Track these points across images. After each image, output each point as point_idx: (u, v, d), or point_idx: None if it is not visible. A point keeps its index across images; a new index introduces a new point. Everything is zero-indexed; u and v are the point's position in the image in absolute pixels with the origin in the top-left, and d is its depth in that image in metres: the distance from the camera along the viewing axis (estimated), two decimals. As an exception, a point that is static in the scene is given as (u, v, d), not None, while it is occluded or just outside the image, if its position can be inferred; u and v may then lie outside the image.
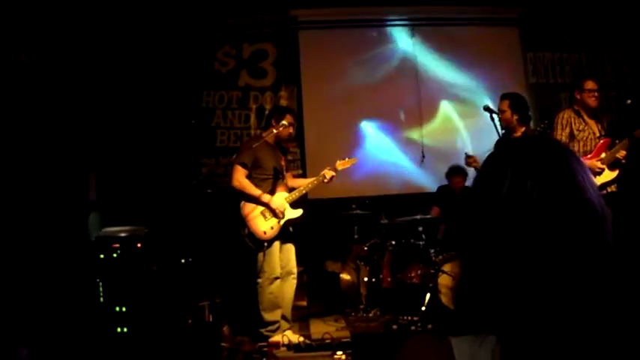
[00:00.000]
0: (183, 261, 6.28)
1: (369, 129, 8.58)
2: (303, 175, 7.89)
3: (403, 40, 8.73)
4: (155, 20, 8.04)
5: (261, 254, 5.91)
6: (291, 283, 6.20)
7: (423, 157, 8.44)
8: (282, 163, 6.25)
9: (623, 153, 5.69)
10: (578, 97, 5.97)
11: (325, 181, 6.24)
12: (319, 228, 7.64)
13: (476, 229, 1.15)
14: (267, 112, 7.82)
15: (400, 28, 8.80)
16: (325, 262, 7.75)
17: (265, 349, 5.70)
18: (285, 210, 6.01)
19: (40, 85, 6.45)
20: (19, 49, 6.23)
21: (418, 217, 6.91)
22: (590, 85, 5.95)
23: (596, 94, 5.95)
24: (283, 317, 6.10)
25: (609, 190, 5.73)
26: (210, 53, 8.42)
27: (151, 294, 5.73)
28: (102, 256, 5.72)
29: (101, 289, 5.66)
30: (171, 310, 5.86)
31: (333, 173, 6.25)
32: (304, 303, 7.13)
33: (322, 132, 8.49)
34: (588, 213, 1.09)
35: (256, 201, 5.94)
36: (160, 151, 7.70)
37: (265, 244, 5.89)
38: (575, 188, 1.10)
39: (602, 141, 5.84)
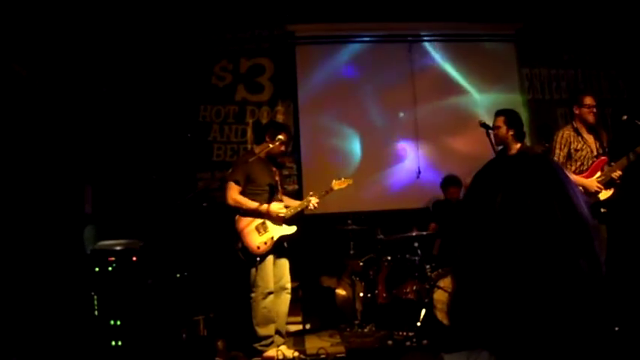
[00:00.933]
0: (178, 275, 6.26)
1: (366, 144, 8.58)
2: (300, 190, 7.90)
3: (400, 56, 8.75)
4: (153, 34, 8.06)
5: (254, 269, 5.90)
6: (285, 298, 6.19)
7: (419, 172, 8.44)
8: (277, 178, 6.25)
9: (618, 173, 5.70)
10: (577, 112, 6.00)
11: (310, 207, 6.24)
12: (315, 243, 7.63)
13: (468, 241, 1.15)
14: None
15: (397, 44, 8.83)
16: (321, 278, 7.74)
17: (259, 364, 5.69)
18: (285, 212, 6.02)
19: (38, 98, 6.46)
20: (17, 62, 6.25)
21: (414, 232, 6.91)
22: (588, 100, 5.98)
23: (594, 109, 5.98)
24: (277, 332, 6.08)
25: (602, 210, 5.74)
26: (208, 67, 8.44)
27: (146, 308, 5.72)
28: (97, 269, 5.71)
29: (96, 302, 5.65)
30: (166, 324, 5.84)
31: (317, 200, 6.24)
32: (299, 318, 7.11)
33: (319, 147, 8.49)
34: (580, 227, 1.10)
35: (255, 213, 5.94)
36: (156, 165, 7.69)
37: (258, 258, 5.89)
38: (567, 202, 1.11)
39: (598, 159, 5.86)
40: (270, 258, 6.00)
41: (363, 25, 8.72)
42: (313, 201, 6.20)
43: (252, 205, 5.94)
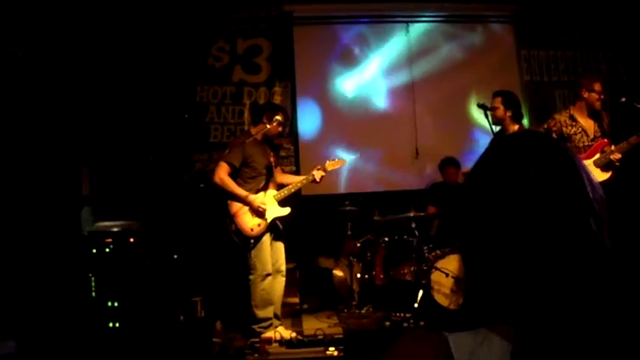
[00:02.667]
0: (175, 256, 6.27)
1: (363, 125, 8.55)
2: (297, 172, 7.87)
3: (398, 37, 8.71)
4: (149, 14, 8.01)
5: (252, 251, 5.91)
6: (280, 281, 6.20)
7: (417, 153, 8.42)
8: (272, 159, 6.23)
9: (618, 156, 5.68)
10: (586, 95, 5.93)
11: (315, 181, 6.23)
12: (312, 224, 7.63)
13: (491, 218, 1.14)
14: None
15: (395, 25, 8.78)
16: (318, 259, 7.75)
17: (257, 344, 5.69)
18: (265, 209, 5.99)
19: (34, 80, 6.42)
20: (13, 43, 6.21)
21: (411, 213, 6.91)
22: (598, 86, 5.92)
23: (602, 96, 5.93)
24: (274, 314, 6.10)
25: None
26: (205, 48, 8.39)
27: (143, 289, 5.72)
28: (94, 250, 5.72)
29: (93, 283, 5.66)
30: (164, 306, 5.85)
31: (323, 173, 6.24)
32: (296, 299, 7.13)
33: (316, 128, 8.47)
34: (602, 204, 1.10)
35: (237, 199, 5.92)
36: (153, 146, 7.66)
37: (252, 241, 5.89)
38: (591, 180, 1.12)
39: (599, 141, 5.84)
40: (267, 239, 6.00)
41: (361, 5, 8.68)
42: (317, 175, 6.20)
43: (237, 190, 5.92)
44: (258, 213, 5.95)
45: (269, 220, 5.99)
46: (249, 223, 5.91)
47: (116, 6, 7.71)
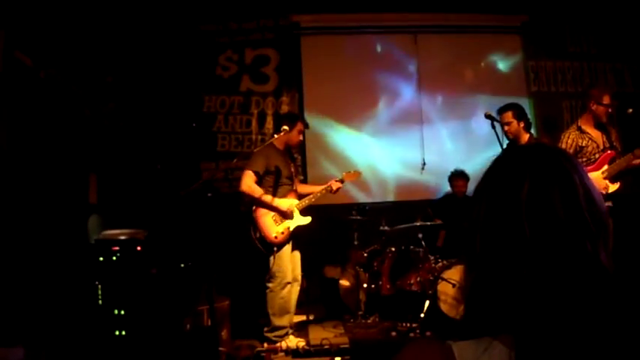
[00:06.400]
0: (182, 265, 6.27)
1: (370, 135, 8.57)
2: (304, 181, 7.89)
3: (405, 47, 8.73)
4: (158, 24, 8.05)
5: (272, 259, 5.95)
6: (296, 289, 6.26)
7: (424, 164, 8.41)
8: (292, 169, 6.30)
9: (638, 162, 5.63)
10: (594, 107, 5.89)
11: (332, 191, 6.30)
12: (319, 233, 7.61)
13: (490, 230, 1.15)
14: (269, 118, 8.12)
15: (403, 35, 8.79)
16: (324, 268, 7.75)
17: (263, 354, 5.69)
18: (293, 210, 6.04)
19: (43, 88, 6.45)
20: (22, 52, 6.24)
21: (418, 223, 6.91)
22: (607, 99, 5.88)
23: (610, 109, 5.90)
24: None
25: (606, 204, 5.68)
26: (213, 58, 8.43)
27: (150, 297, 5.72)
28: (101, 258, 5.71)
29: (100, 291, 5.65)
30: (170, 314, 5.85)
31: (340, 185, 6.34)
32: (303, 309, 7.12)
33: (323, 138, 8.48)
34: (600, 219, 1.11)
35: (264, 205, 5.97)
36: (160, 155, 7.69)
37: (275, 248, 5.94)
38: (589, 195, 1.12)
39: (605, 153, 5.82)
40: (288, 248, 6.06)
41: (369, 15, 8.69)
42: (335, 185, 6.31)
43: (264, 197, 5.96)
44: (285, 216, 6.00)
45: (292, 228, 6.04)
46: (273, 231, 5.97)
47: (125, 15, 7.74)
